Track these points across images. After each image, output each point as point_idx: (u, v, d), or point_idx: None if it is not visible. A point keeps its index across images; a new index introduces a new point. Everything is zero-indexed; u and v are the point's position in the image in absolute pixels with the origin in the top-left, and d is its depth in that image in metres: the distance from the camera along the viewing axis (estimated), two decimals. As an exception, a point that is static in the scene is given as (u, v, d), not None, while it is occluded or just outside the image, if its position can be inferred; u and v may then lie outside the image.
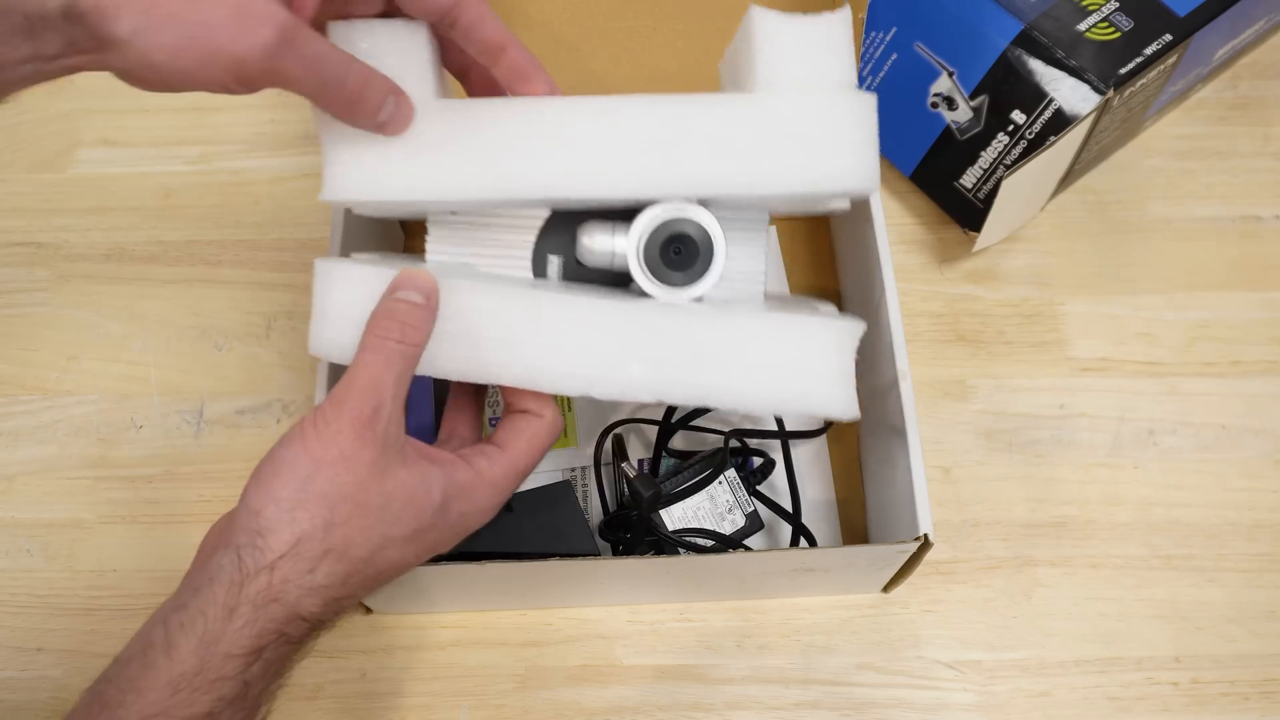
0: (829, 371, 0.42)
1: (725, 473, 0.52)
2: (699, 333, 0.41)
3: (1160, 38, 0.56)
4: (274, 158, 0.68)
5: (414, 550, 0.40)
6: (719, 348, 0.41)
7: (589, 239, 0.42)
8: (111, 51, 0.36)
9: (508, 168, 0.41)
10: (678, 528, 0.51)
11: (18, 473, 0.59)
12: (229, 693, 0.36)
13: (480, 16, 0.41)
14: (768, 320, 0.42)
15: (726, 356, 0.41)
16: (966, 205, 0.62)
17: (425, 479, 0.39)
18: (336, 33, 0.41)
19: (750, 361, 0.41)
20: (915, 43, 0.60)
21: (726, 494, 0.52)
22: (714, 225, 0.41)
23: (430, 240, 0.45)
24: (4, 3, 0.34)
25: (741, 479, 0.53)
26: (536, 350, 0.41)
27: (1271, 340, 0.61)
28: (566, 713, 0.52)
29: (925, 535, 0.45)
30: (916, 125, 0.62)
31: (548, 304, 0.41)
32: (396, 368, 0.39)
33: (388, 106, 0.40)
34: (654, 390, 0.41)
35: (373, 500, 0.38)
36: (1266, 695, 0.52)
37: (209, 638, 0.36)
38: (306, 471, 0.37)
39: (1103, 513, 0.56)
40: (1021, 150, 0.58)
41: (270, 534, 0.37)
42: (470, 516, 0.41)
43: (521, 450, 0.42)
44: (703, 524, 0.52)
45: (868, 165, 0.41)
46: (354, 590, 0.39)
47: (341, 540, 0.38)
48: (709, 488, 0.52)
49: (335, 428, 0.38)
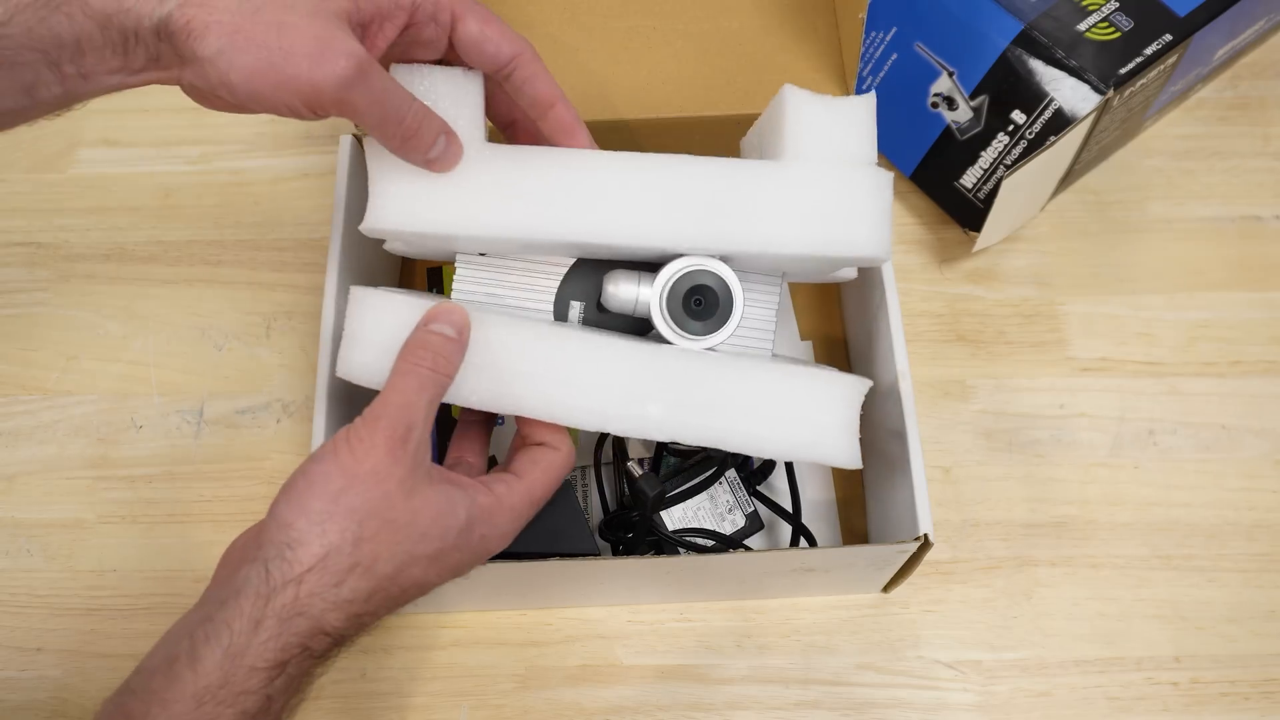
0: (835, 423, 0.44)
1: (726, 473, 0.53)
2: (714, 379, 0.44)
3: (1160, 38, 0.56)
4: (274, 158, 0.68)
5: (436, 570, 0.41)
6: (733, 394, 0.44)
7: (614, 286, 0.45)
8: (191, 68, 0.38)
9: (545, 212, 0.43)
10: (678, 528, 0.51)
11: (18, 473, 0.59)
12: (252, 707, 0.36)
13: (535, 73, 0.44)
14: (780, 371, 0.44)
15: (739, 403, 0.44)
16: (967, 205, 0.62)
17: (451, 500, 0.40)
18: (399, 74, 0.43)
19: (762, 410, 0.44)
20: (915, 43, 0.60)
21: (727, 494, 0.52)
22: (734, 279, 0.44)
23: (458, 279, 0.47)
24: (105, 18, 0.37)
25: (742, 479, 0.53)
26: (558, 385, 0.43)
27: (1271, 340, 0.61)
28: (566, 713, 0.52)
29: (925, 535, 0.45)
30: (917, 125, 0.62)
31: (573, 342, 0.44)
32: (428, 393, 0.41)
33: (439, 144, 0.42)
34: (669, 430, 0.44)
35: (401, 517, 0.39)
36: (1266, 695, 0.52)
37: (234, 650, 0.36)
38: (339, 485, 0.38)
39: (1103, 513, 0.56)
40: (1022, 150, 0.58)
41: (300, 546, 0.37)
42: (490, 540, 0.42)
43: (538, 480, 0.43)
44: (703, 524, 0.52)
45: (881, 236, 0.43)
46: (377, 607, 0.39)
47: (369, 555, 0.38)
48: (710, 488, 0.52)
49: (369, 444, 0.39)
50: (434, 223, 0.43)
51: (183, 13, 0.37)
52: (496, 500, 0.42)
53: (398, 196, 0.43)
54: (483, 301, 0.47)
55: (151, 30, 0.37)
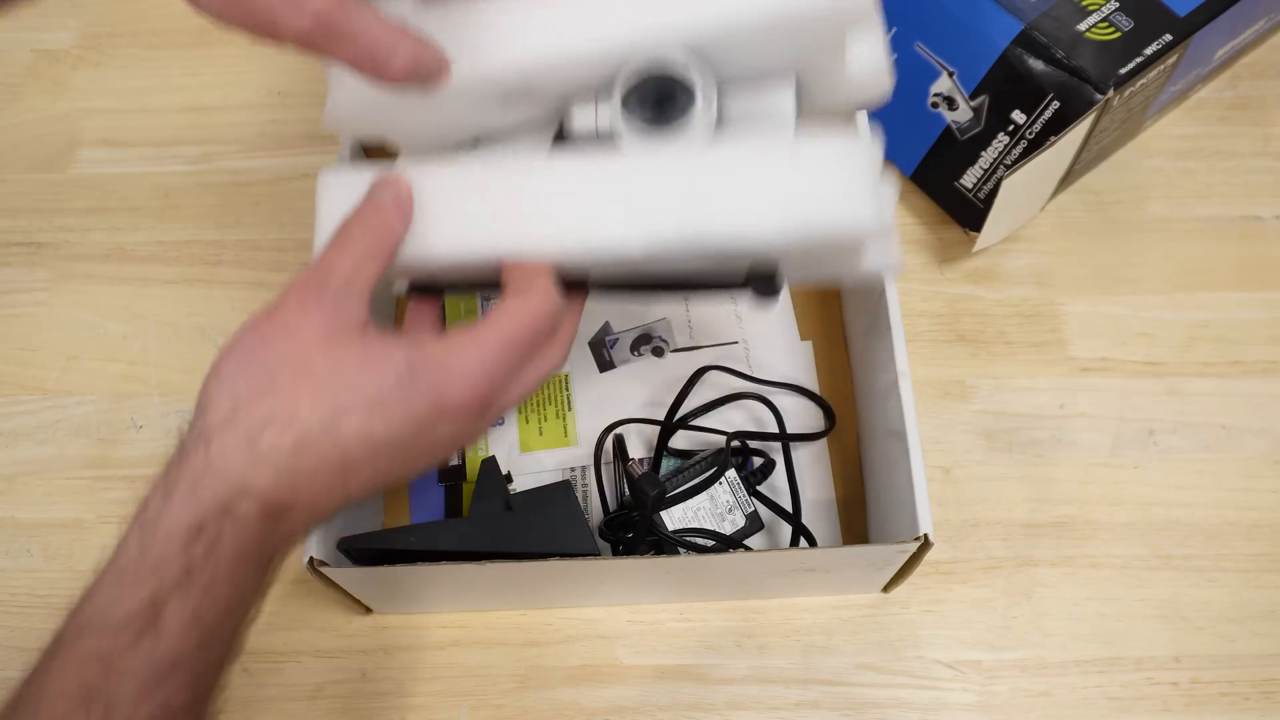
0: (848, 180, 0.37)
1: (726, 473, 0.53)
2: (690, 168, 0.39)
3: (1160, 38, 0.56)
4: (274, 158, 0.68)
5: (382, 422, 0.36)
6: (717, 178, 0.38)
7: (578, 110, 0.41)
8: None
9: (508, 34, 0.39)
10: (678, 528, 0.51)
11: (18, 473, 0.59)
12: (170, 576, 0.34)
13: None
14: (769, 141, 0.39)
15: (720, 184, 0.38)
16: (967, 205, 0.62)
17: (386, 346, 0.37)
18: None
19: (753, 185, 0.38)
20: (915, 43, 0.60)
21: (727, 494, 0.52)
22: (697, 70, 0.39)
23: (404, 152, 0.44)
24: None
25: (742, 479, 0.53)
26: (519, 219, 0.39)
27: (1271, 340, 0.61)
28: (566, 713, 0.52)
29: (925, 535, 0.45)
30: (917, 125, 0.62)
31: (530, 168, 0.40)
32: (352, 253, 0.38)
33: (423, 65, 0.38)
34: (643, 234, 0.38)
35: (319, 365, 0.36)
36: (1266, 695, 0.52)
37: (147, 523, 0.35)
38: (250, 345, 0.37)
39: (1103, 513, 0.56)
40: (1022, 150, 0.58)
41: (209, 409, 0.36)
42: (448, 392, 0.37)
43: (505, 327, 0.38)
44: (703, 524, 0.52)
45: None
46: (316, 466, 0.36)
47: (286, 407, 0.35)
48: (710, 488, 0.52)
49: (280, 304, 0.37)
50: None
51: None
52: (448, 348, 0.37)
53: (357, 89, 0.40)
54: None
55: None
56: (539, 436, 0.57)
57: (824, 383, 0.59)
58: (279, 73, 0.71)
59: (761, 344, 0.60)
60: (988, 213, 0.56)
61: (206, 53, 0.71)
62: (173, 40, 0.72)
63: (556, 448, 0.57)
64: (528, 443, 0.57)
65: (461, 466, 0.56)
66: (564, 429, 0.58)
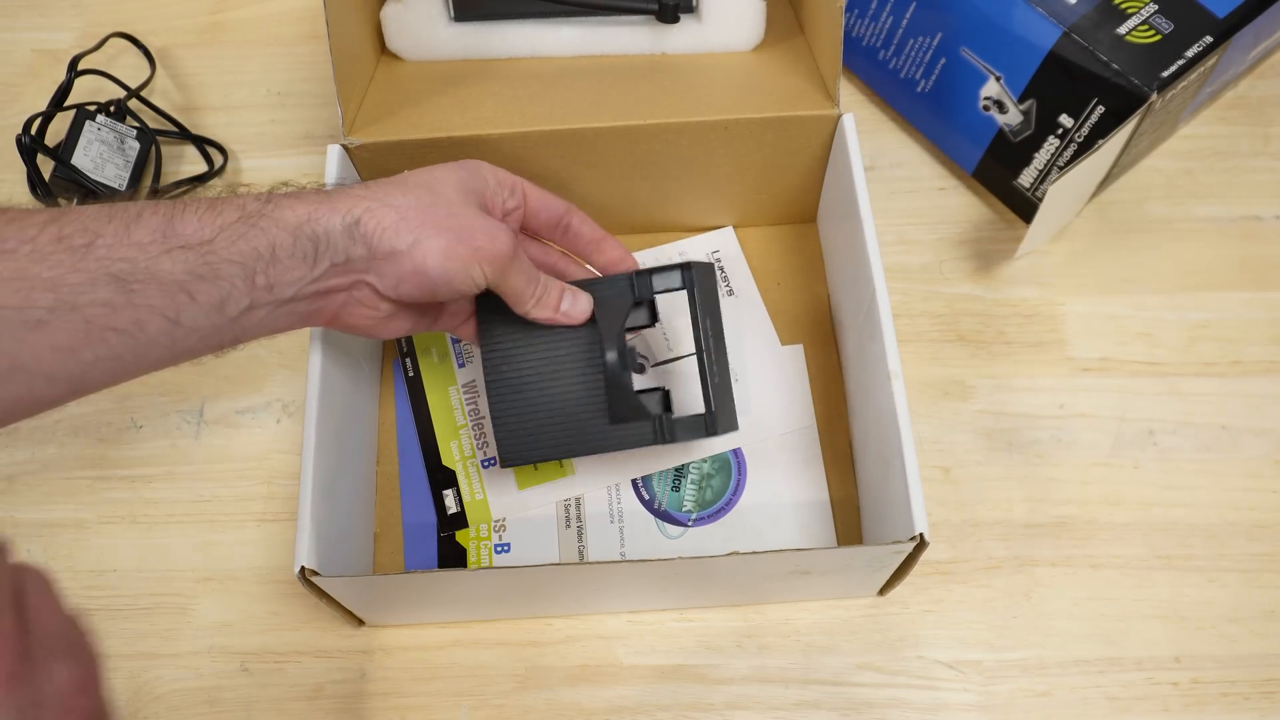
0: None
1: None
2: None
3: (1201, 40, 0.55)
4: (274, 158, 0.68)
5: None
6: None
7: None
8: (380, 264, 0.42)
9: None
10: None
11: (18, 473, 0.59)
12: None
13: (583, 219, 0.53)
14: None
15: None
16: (1028, 204, 0.63)
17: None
18: None
19: None
20: (961, 48, 0.60)
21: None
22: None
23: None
24: (297, 227, 0.41)
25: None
26: None
27: (1271, 340, 0.61)
28: (566, 713, 0.52)
29: (921, 534, 0.45)
30: (973, 126, 0.62)
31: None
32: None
33: (566, 300, 0.49)
34: None
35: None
36: (1266, 695, 0.52)
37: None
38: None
39: (1103, 513, 0.56)
40: (1073, 152, 0.58)
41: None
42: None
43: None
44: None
45: None
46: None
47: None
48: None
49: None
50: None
51: (371, 214, 0.42)
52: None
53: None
54: None
55: (343, 232, 0.41)
56: (534, 471, 0.58)
57: (816, 384, 0.59)
58: (279, 73, 0.71)
59: (743, 351, 0.60)
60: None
61: (206, 53, 0.71)
62: (172, 40, 0.72)
63: (551, 480, 0.57)
64: (523, 481, 0.58)
65: (461, 514, 0.56)
66: (560, 462, 0.58)
